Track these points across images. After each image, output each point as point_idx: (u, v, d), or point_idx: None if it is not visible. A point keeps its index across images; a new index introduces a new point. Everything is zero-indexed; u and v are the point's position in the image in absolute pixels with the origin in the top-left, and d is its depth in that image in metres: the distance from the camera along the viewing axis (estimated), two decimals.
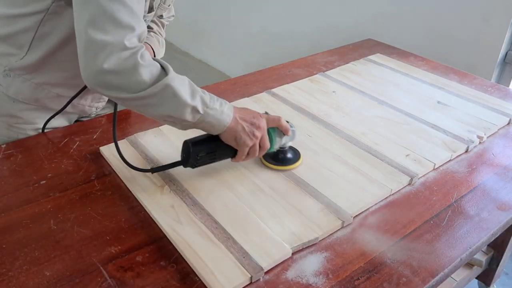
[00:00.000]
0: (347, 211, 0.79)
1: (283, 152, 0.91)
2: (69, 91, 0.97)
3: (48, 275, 0.66)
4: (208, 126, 0.79)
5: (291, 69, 1.37)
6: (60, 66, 0.93)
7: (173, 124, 0.78)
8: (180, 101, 0.73)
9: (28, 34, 0.88)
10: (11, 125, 0.98)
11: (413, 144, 0.99)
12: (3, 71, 0.92)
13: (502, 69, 1.65)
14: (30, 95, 0.95)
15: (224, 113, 0.78)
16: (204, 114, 0.76)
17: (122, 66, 0.70)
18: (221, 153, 0.84)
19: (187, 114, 0.75)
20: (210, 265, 0.67)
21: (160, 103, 0.74)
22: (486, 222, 0.80)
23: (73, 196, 0.82)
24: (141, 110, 0.76)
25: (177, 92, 0.73)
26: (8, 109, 0.96)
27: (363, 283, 0.67)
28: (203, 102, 0.76)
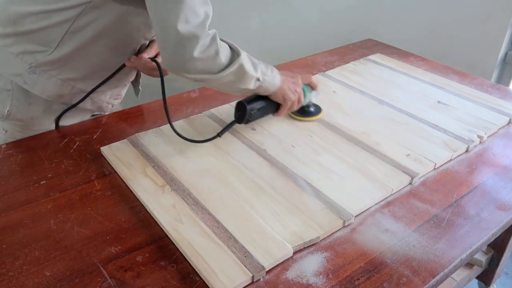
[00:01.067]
0: (348, 211, 0.79)
1: (308, 106, 1.08)
2: (92, 86, 0.99)
3: (48, 275, 0.66)
4: (263, 89, 0.94)
5: (291, 69, 1.36)
6: (88, 60, 0.93)
7: (237, 93, 0.93)
8: (248, 75, 0.88)
9: (61, 28, 0.87)
10: (26, 128, 0.99)
11: (414, 144, 0.99)
12: (28, 68, 0.91)
13: (502, 69, 1.65)
14: (55, 91, 0.95)
15: (275, 78, 0.95)
16: (262, 81, 0.92)
17: (207, 53, 0.81)
18: (269, 108, 1.01)
19: (251, 85, 0.90)
20: (212, 264, 0.67)
21: (233, 80, 0.87)
22: (486, 222, 0.80)
23: (73, 196, 0.82)
24: (218, 87, 0.90)
25: (246, 69, 0.87)
26: (25, 113, 0.97)
27: (363, 283, 0.67)
28: (262, 71, 0.91)
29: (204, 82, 0.87)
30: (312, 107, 1.09)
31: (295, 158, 0.93)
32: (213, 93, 1.20)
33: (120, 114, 1.10)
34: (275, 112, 1.02)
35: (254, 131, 1.02)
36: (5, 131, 0.99)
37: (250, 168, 0.89)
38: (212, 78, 0.85)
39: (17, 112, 0.96)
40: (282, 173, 0.88)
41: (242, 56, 0.86)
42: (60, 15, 0.86)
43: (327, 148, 0.97)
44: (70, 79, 0.94)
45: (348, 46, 1.58)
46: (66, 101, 0.98)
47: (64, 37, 0.88)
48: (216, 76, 0.84)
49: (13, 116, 0.96)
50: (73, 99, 0.99)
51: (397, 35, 1.83)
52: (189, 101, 1.16)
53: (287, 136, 1.01)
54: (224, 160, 0.91)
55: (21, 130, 0.99)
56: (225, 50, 0.84)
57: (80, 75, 0.95)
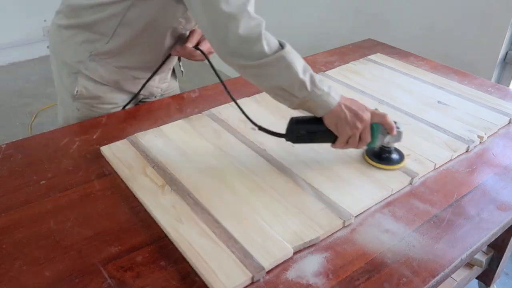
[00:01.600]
0: (348, 211, 0.79)
1: (387, 152, 0.91)
2: (143, 73, 1.08)
3: (48, 275, 0.66)
4: (314, 105, 0.84)
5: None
6: (140, 50, 1.03)
7: (283, 99, 0.85)
8: (291, 73, 0.81)
9: (114, 21, 0.96)
10: (93, 106, 1.09)
11: (414, 144, 0.99)
12: (89, 55, 1.01)
13: (502, 69, 1.65)
14: (111, 77, 1.05)
15: (331, 97, 0.83)
16: (312, 93, 0.82)
17: (249, 34, 0.80)
18: (321, 136, 0.88)
19: (295, 88, 0.81)
20: (212, 264, 0.67)
21: (274, 74, 0.82)
22: (486, 222, 0.80)
23: (73, 196, 0.82)
24: (256, 79, 0.85)
25: (291, 64, 0.81)
26: (92, 91, 1.06)
27: (363, 283, 0.67)
28: (312, 80, 0.82)
29: (245, 70, 0.84)
30: (393, 153, 0.91)
31: (295, 158, 0.93)
32: (213, 93, 1.20)
33: (120, 114, 1.10)
34: (333, 143, 0.88)
35: (254, 131, 1.02)
36: (78, 110, 1.10)
37: (250, 168, 0.89)
38: (252, 65, 0.81)
39: (85, 92, 1.06)
40: (282, 173, 0.88)
41: (286, 49, 0.81)
42: (112, 8, 0.94)
43: (327, 148, 0.97)
44: (123, 67, 1.05)
45: (348, 46, 1.58)
46: (121, 86, 1.08)
47: (117, 28, 0.97)
48: (256, 63, 0.81)
49: (82, 96, 1.07)
50: (127, 85, 1.09)
51: (397, 35, 1.83)
52: (189, 101, 1.16)
53: None
54: (224, 160, 0.91)
55: (91, 108, 1.09)
56: (270, 39, 0.82)
57: (132, 63, 1.05)
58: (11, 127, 2.55)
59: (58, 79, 1.11)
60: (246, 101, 1.15)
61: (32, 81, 3.04)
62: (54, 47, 1.08)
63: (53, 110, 2.73)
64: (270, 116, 1.08)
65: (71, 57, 1.03)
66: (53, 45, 1.08)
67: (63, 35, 1.04)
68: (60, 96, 1.14)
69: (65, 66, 1.06)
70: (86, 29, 0.99)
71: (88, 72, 1.03)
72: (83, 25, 0.99)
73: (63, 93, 1.11)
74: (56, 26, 1.05)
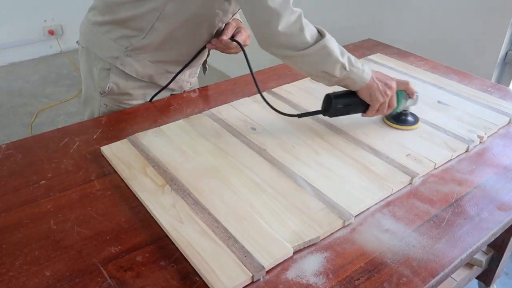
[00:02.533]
0: (348, 211, 0.79)
1: (405, 114, 1.04)
2: (176, 67, 1.10)
3: (48, 275, 0.66)
4: (351, 82, 0.94)
5: (291, 69, 1.36)
6: (175, 44, 1.04)
7: (322, 79, 0.95)
8: (333, 58, 0.90)
9: (152, 16, 0.97)
10: (122, 102, 1.11)
11: (414, 144, 0.99)
12: (124, 51, 1.03)
13: (502, 69, 1.65)
14: (145, 72, 1.07)
15: (365, 72, 0.94)
16: (349, 71, 0.92)
17: (291, 28, 0.86)
18: (356, 107, 0.99)
19: (337, 70, 0.91)
20: (212, 264, 0.67)
21: (317, 60, 0.90)
22: (486, 222, 0.80)
23: (73, 196, 0.82)
24: (300, 66, 0.93)
25: (332, 51, 0.89)
26: (122, 88, 1.08)
27: (363, 283, 0.67)
28: (349, 61, 0.92)
29: (289, 59, 0.92)
30: (409, 115, 1.05)
31: (295, 158, 0.93)
32: (213, 93, 1.20)
33: (120, 114, 1.10)
34: (364, 112, 1.00)
35: (254, 131, 1.02)
36: (106, 105, 1.12)
37: (250, 168, 0.89)
38: (296, 55, 0.89)
39: (116, 89, 1.08)
40: (282, 173, 0.88)
41: (327, 38, 0.89)
42: (151, 3, 0.96)
43: (327, 148, 0.97)
44: (158, 61, 1.07)
45: (348, 46, 1.58)
46: (155, 80, 1.10)
47: (154, 24, 0.98)
48: (300, 53, 0.88)
49: (112, 92, 1.08)
50: (161, 79, 1.11)
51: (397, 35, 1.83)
52: (189, 101, 1.16)
53: (287, 136, 1.01)
54: (224, 160, 0.91)
55: (119, 104, 1.11)
56: (310, 29, 0.89)
57: (166, 57, 1.07)
58: (11, 127, 2.55)
59: (87, 74, 1.12)
60: (246, 101, 1.15)
61: (32, 81, 3.04)
62: (88, 43, 1.09)
63: (53, 110, 2.73)
64: (270, 116, 1.08)
65: (106, 52, 1.04)
66: (86, 41, 1.09)
67: (97, 31, 1.05)
68: (86, 93, 1.16)
69: (99, 62, 1.07)
70: (122, 25, 1.01)
71: (124, 68, 1.04)
72: (119, 21, 1.01)
73: (91, 89, 1.12)
74: (90, 22, 1.07)
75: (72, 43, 3.46)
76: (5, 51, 3.20)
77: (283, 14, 0.85)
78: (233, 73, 1.25)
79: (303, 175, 0.87)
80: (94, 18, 1.06)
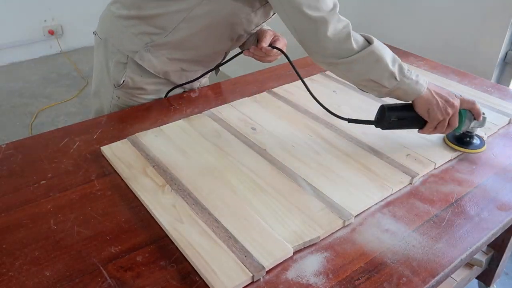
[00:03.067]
0: (348, 211, 0.79)
1: (469, 136, 0.97)
2: (191, 66, 1.12)
3: (48, 275, 0.66)
4: (403, 93, 0.90)
5: (291, 69, 1.36)
6: (195, 45, 1.06)
7: (371, 90, 0.92)
8: (381, 66, 0.87)
9: (178, 16, 0.99)
10: (135, 96, 1.13)
11: (414, 144, 0.99)
12: (144, 46, 1.04)
13: (502, 69, 1.65)
14: (162, 68, 1.08)
15: (419, 84, 0.89)
16: (400, 82, 0.88)
17: (339, 35, 0.86)
18: (411, 121, 0.94)
19: (385, 79, 0.88)
20: (212, 264, 0.67)
21: (364, 68, 0.88)
22: (486, 222, 0.80)
23: (73, 196, 0.82)
24: (346, 74, 0.91)
25: (380, 58, 0.87)
26: (137, 83, 1.10)
27: (363, 283, 0.67)
28: (401, 70, 0.88)
29: (335, 67, 0.90)
30: (474, 138, 0.98)
31: (295, 158, 0.93)
32: (213, 93, 1.20)
33: (120, 114, 1.10)
34: (420, 129, 0.95)
35: (254, 131, 1.02)
36: (118, 98, 1.12)
37: (250, 168, 0.89)
38: (343, 62, 0.88)
39: (130, 82, 1.09)
40: (282, 173, 0.88)
41: (375, 44, 0.88)
42: (179, 4, 0.97)
43: (327, 148, 0.97)
44: (176, 59, 1.08)
45: None
46: (169, 77, 1.12)
47: (179, 24, 0.99)
48: (345, 60, 0.87)
49: (126, 85, 1.09)
50: (175, 76, 1.12)
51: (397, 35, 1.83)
52: (189, 101, 1.16)
53: (287, 136, 1.01)
54: (224, 160, 0.91)
55: (131, 98, 1.12)
56: (357, 38, 0.88)
57: (184, 56, 1.08)
58: (11, 127, 2.55)
59: (102, 65, 1.12)
60: (246, 101, 1.15)
61: (32, 81, 3.04)
62: (107, 34, 1.09)
63: (53, 110, 2.73)
64: (270, 116, 1.08)
65: (126, 46, 1.05)
66: (106, 32, 1.10)
67: (119, 24, 1.05)
68: (98, 84, 1.16)
69: (116, 54, 1.07)
70: (146, 22, 1.02)
71: (142, 62, 1.05)
72: (143, 17, 1.02)
73: (105, 80, 1.12)
74: (113, 15, 1.07)
75: (72, 43, 3.46)
76: (5, 51, 3.21)
77: (331, 21, 0.85)
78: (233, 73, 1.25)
79: (303, 175, 0.87)
80: (118, 11, 1.06)
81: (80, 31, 3.44)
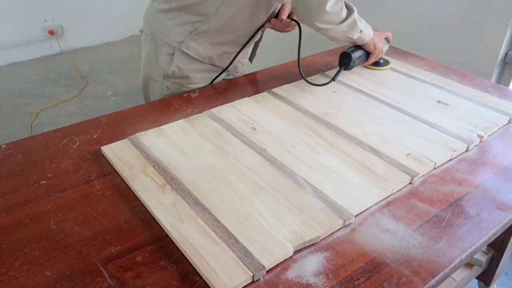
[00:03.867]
0: (348, 210, 0.79)
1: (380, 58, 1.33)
2: (233, 47, 1.20)
3: (48, 275, 0.66)
4: (360, 40, 1.19)
5: (291, 69, 1.36)
6: (235, 26, 1.14)
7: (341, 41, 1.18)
8: (357, 27, 1.15)
9: (216, 1, 1.07)
10: (182, 85, 1.21)
11: (414, 144, 0.99)
12: (189, 35, 1.12)
13: (502, 69, 1.65)
14: (206, 54, 1.16)
15: (370, 30, 1.20)
16: (362, 33, 1.17)
17: (335, 8, 1.06)
18: (364, 57, 1.27)
19: (356, 35, 1.16)
20: (212, 263, 0.67)
21: (347, 30, 1.13)
22: (486, 222, 0.80)
23: (73, 196, 0.82)
24: (333, 35, 1.14)
25: (357, 22, 1.13)
26: (183, 71, 1.18)
27: (363, 283, 0.67)
28: (364, 24, 1.16)
29: (326, 31, 1.11)
30: (381, 59, 1.34)
31: (295, 157, 0.93)
32: (213, 93, 1.20)
33: (120, 114, 1.10)
34: (365, 61, 1.28)
35: (254, 130, 1.02)
36: (167, 88, 1.21)
37: (250, 167, 0.89)
38: (334, 28, 1.10)
39: (178, 71, 1.17)
40: (282, 172, 0.88)
41: (355, 12, 1.12)
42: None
43: (327, 147, 0.97)
44: (217, 44, 1.16)
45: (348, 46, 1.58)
46: (214, 61, 1.20)
47: (219, 8, 1.08)
48: (337, 26, 1.10)
49: (174, 75, 1.18)
50: (219, 60, 1.21)
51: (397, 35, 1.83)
52: (189, 101, 1.16)
53: (287, 135, 1.01)
54: (224, 160, 0.91)
55: (179, 87, 1.21)
56: (344, 7, 1.09)
57: (225, 39, 1.16)
58: (11, 127, 2.55)
59: (152, 60, 1.20)
60: (246, 101, 1.15)
61: (32, 81, 3.04)
62: (154, 30, 1.18)
63: (53, 110, 2.73)
64: (270, 116, 1.08)
65: (172, 37, 1.13)
66: (152, 28, 1.18)
67: (163, 18, 1.14)
68: (147, 77, 1.25)
69: (164, 47, 1.16)
70: (187, 11, 1.10)
71: (188, 51, 1.14)
72: (184, 7, 1.10)
73: (154, 73, 1.21)
74: (156, 10, 1.16)
75: (72, 43, 3.46)
76: (5, 51, 3.21)
77: None
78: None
79: (303, 175, 0.87)
80: (160, 6, 1.14)
81: (80, 31, 3.44)
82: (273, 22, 1.21)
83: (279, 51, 2.20)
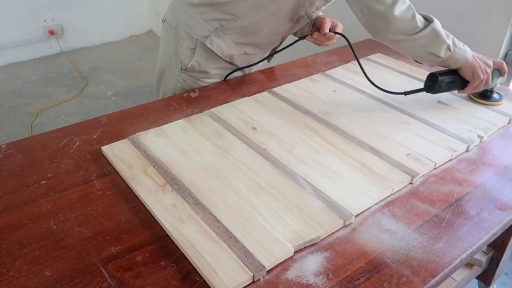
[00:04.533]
0: (349, 210, 0.79)
1: (491, 91, 1.16)
2: (254, 49, 1.21)
3: (48, 275, 0.66)
4: (453, 61, 1.05)
5: (291, 69, 1.36)
6: (260, 30, 1.15)
7: (427, 61, 1.06)
8: (440, 40, 1.01)
9: (247, 3, 1.08)
10: (198, 79, 1.22)
11: (414, 144, 0.99)
12: (214, 31, 1.13)
13: None
14: (228, 52, 1.17)
15: (466, 52, 1.05)
16: (453, 52, 1.03)
17: (405, 15, 0.99)
18: (457, 84, 1.10)
19: (442, 51, 1.02)
20: (212, 264, 0.67)
21: (426, 43, 1.01)
22: (486, 222, 0.80)
23: (73, 196, 0.82)
24: (410, 50, 1.04)
25: (440, 33, 1.01)
26: (202, 66, 1.19)
27: (363, 283, 0.67)
28: (453, 42, 1.03)
29: (400, 43, 1.02)
30: (494, 93, 1.16)
31: (295, 157, 0.93)
32: (213, 93, 1.20)
33: (120, 114, 1.10)
34: (461, 89, 1.11)
35: (254, 130, 1.02)
36: (183, 81, 1.22)
37: (251, 167, 0.89)
38: (408, 39, 1.00)
39: (197, 66, 1.18)
40: (283, 172, 0.88)
41: (435, 22, 1.01)
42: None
43: (327, 147, 0.97)
44: (241, 43, 1.17)
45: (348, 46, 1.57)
46: (234, 60, 1.21)
47: (249, 10, 1.08)
48: (411, 37, 1.00)
49: (193, 69, 1.19)
50: (239, 60, 1.22)
51: None
52: (189, 101, 1.16)
53: (287, 135, 1.01)
54: (224, 160, 0.91)
55: (195, 81, 1.22)
56: (419, 17, 1.01)
57: (249, 41, 1.17)
58: (11, 127, 2.55)
59: (171, 50, 1.21)
60: (246, 100, 1.15)
61: (32, 81, 3.04)
62: (178, 21, 1.18)
63: (53, 110, 2.73)
64: (270, 116, 1.08)
65: (197, 31, 1.14)
66: (177, 20, 1.18)
67: (191, 12, 1.14)
68: (164, 69, 1.25)
69: (187, 39, 1.16)
70: (217, 9, 1.10)
71: (211, 46, 1.14)
72: (215, 4, 1.10)
73: (172, 64, 1.21)
74: (185, 3, 1.16)
75: (72, 43, 3.46)
76: (5, 51, 3.20)
77: (397, 2, 0.97)
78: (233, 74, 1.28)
79: (304, 175, 0.87)
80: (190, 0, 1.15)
81: (80, 31, 3.44)
82: (316, 36, 1.19)
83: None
